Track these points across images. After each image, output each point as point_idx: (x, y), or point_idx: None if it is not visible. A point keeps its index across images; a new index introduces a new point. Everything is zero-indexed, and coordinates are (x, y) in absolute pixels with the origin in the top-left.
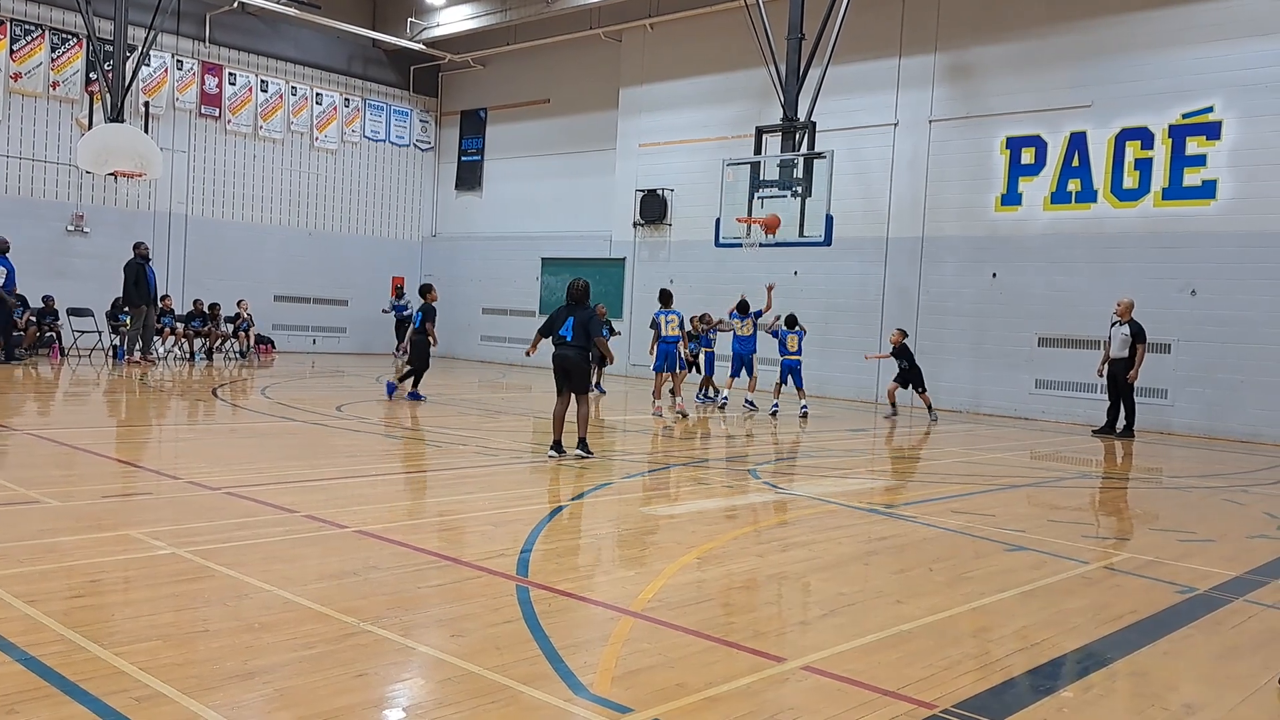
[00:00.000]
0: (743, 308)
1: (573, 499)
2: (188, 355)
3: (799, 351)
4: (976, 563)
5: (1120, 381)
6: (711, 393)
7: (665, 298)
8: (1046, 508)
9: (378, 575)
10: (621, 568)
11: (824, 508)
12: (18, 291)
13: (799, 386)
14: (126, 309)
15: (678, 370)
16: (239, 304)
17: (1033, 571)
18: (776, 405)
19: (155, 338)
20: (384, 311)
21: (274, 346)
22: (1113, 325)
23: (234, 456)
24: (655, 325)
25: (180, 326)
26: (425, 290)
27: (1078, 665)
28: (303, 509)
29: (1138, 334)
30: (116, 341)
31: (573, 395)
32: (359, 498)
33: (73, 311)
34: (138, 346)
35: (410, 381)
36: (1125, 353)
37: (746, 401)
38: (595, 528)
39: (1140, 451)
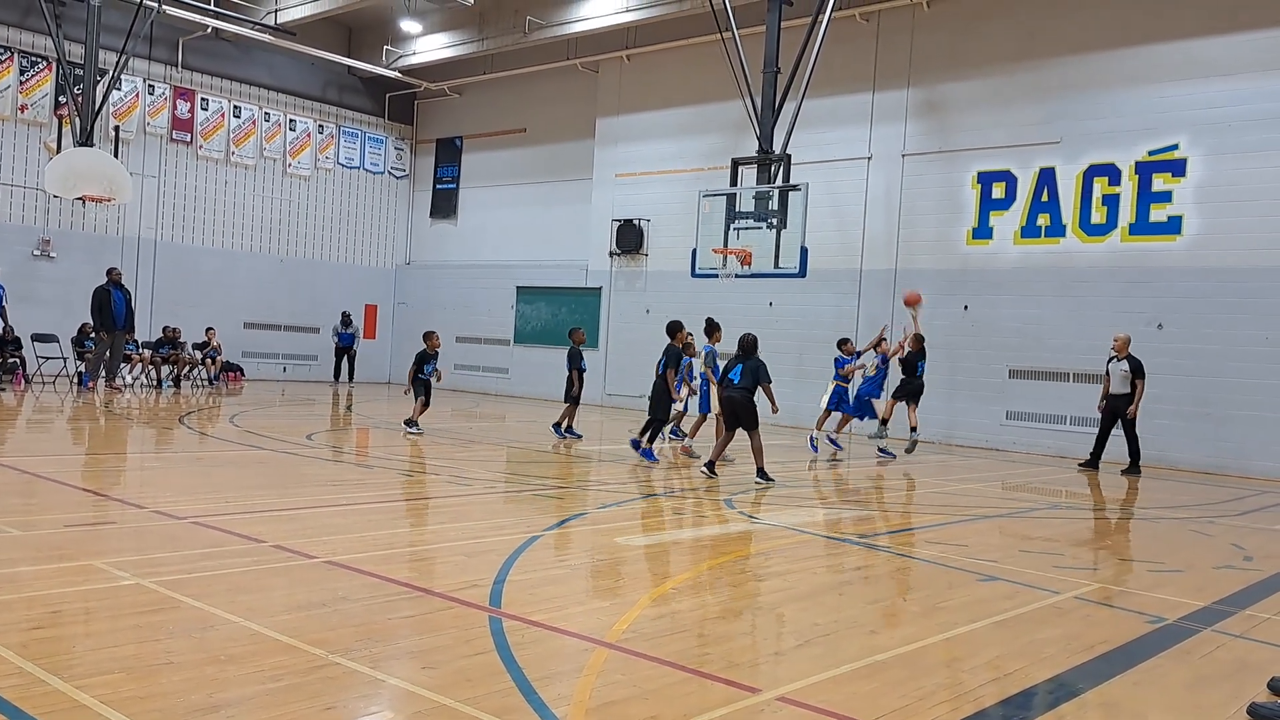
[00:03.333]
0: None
1: (547, 529)
2: (154, 382)
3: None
4: (950, 593)
5: (1123, 417)
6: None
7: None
8: (1018, 538)
9: (347, 606)
10: (596, 598)
11: (799, 538)
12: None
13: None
14: (93, 335)
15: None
16: (207, 332)
17: (1005, 602)
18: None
19: (123, 364)
20: (332, 338)
21: (243, 374)
22: (1110, 361)
23: (201, 485)
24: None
25: (147, 353)
26: (674, 330)
27: (1049, 695)
28: (271, 539)
29: (1137, 369)
30: (82, 368)
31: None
32: (329, 527)
33: (37, 338)
34: (102, 374)
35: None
36: (1126, 388)
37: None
38: (569, 558)
39: (1109, 483)
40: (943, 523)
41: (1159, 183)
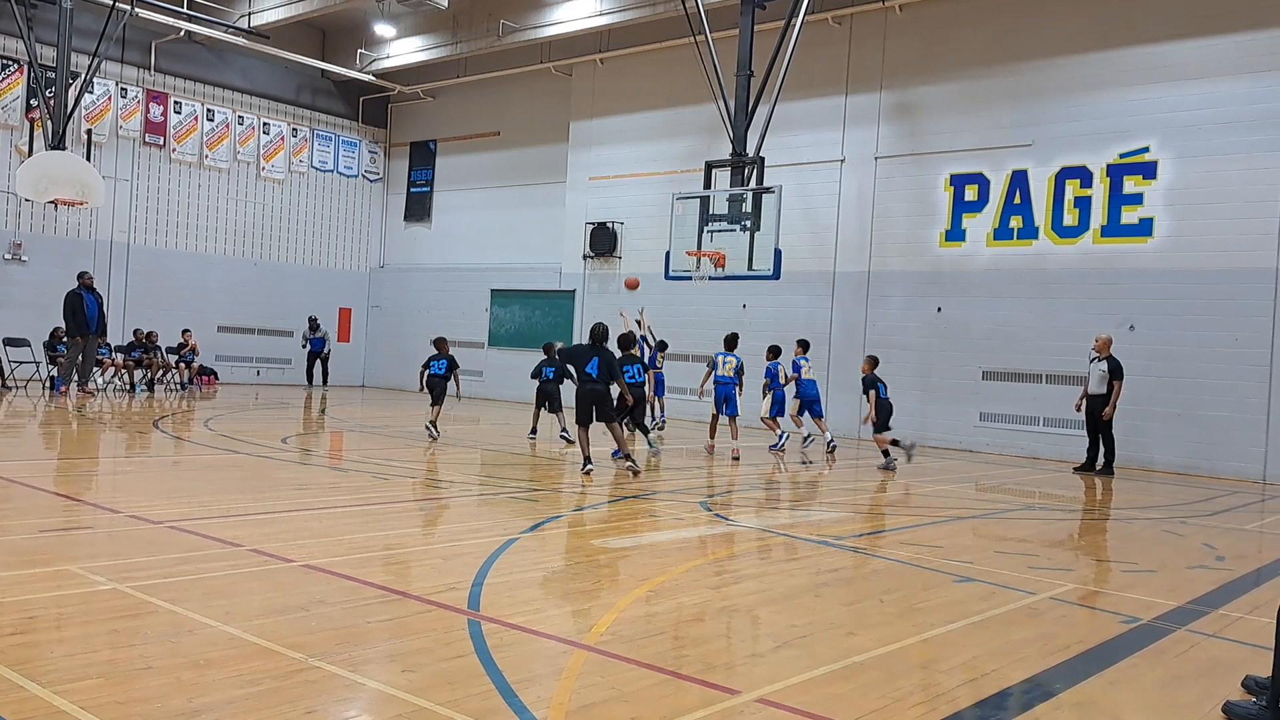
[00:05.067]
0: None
1: (524, 532)
2: (128, 386)
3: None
4: (926, 594)
5: (1098, 418)
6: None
7: (731, 341)
8: (993, 539)
9: (325, 610)
10: (574, 601)
11: (774, 540)
12: None
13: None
14: (65, 339)
15: (730, 414)
16: (184, 334)
17: (981, 603)
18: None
19: (95, 369)
20: (302, 344)
21: (217, 378)
22: (1091, 361)
23: (177, 489)
24: (712, 365)
25: (120, 357)
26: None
27: (1025, 696)
28: (248, 543)
29: (1115, 370)
30: (54, 372)
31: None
32: (306, 531)
33: (9, 341)
34: (74, 377)
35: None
36: (1103, 389)
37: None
38: (547, 560)
39: (1082, 484)
40: (918, 524)
41: (1130, 185)
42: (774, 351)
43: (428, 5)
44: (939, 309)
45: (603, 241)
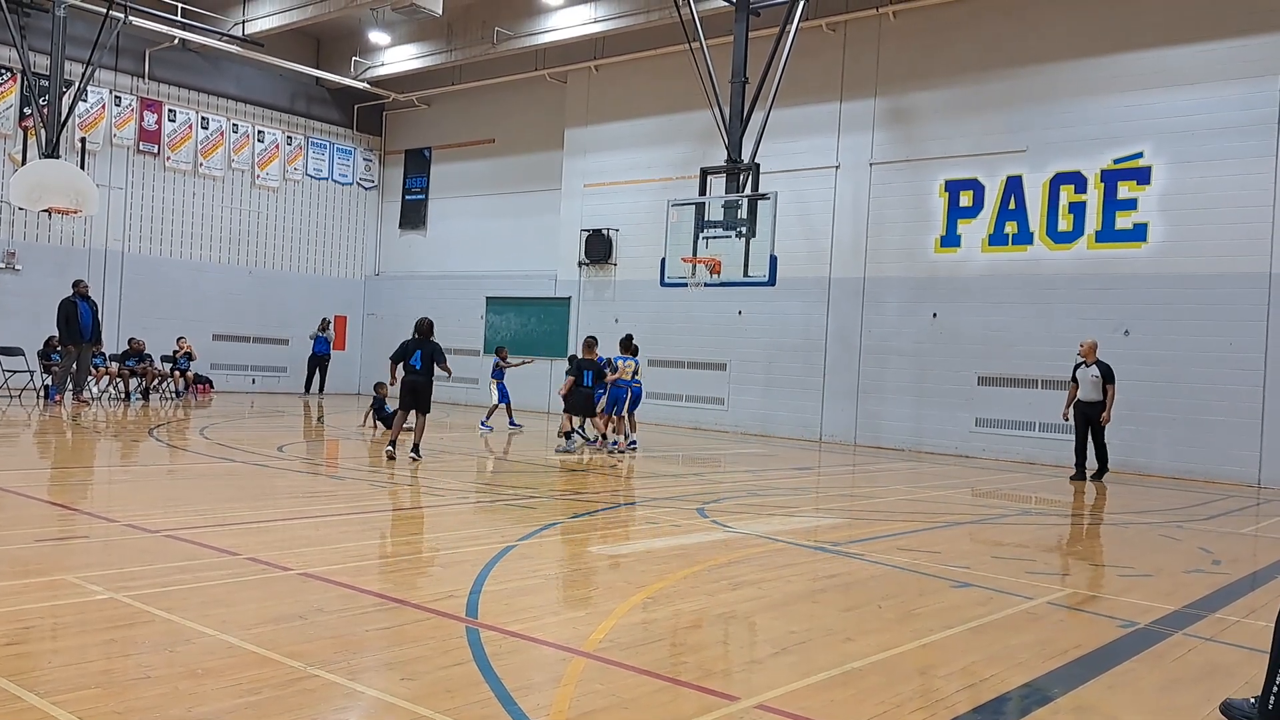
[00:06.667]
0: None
1: (521, 539)
2: (122, 395)
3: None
4: (924, 599)
5: (1094, 424)
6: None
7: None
8: (990, 544)
9: (324, 618)
10: (572, 608)
11: (772, 546)
12: None
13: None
14: (59, 348)
15: (619, 414)
16: (179, 341)
17: (979, 608)
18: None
19: (89, 377)
20: (310, 337)
21: (212, 386)
22: (1078, 367)
23: (173, 498)
24: (613, 368)
25: (114, 366)
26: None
27: (1024, 701)
28: (245, 551)
29: (1107, 375)
30: (49, 381)
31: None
32: (303, 539)
33: (3, 350)
34: (68, 387)
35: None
36: (1097, 394)
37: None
38: (544, 568)
39: (1077, 489)
40: (915, 529)
41: (1124, 190)
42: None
43: (422, 13)
44: (934, 315)
45: (598, 249)
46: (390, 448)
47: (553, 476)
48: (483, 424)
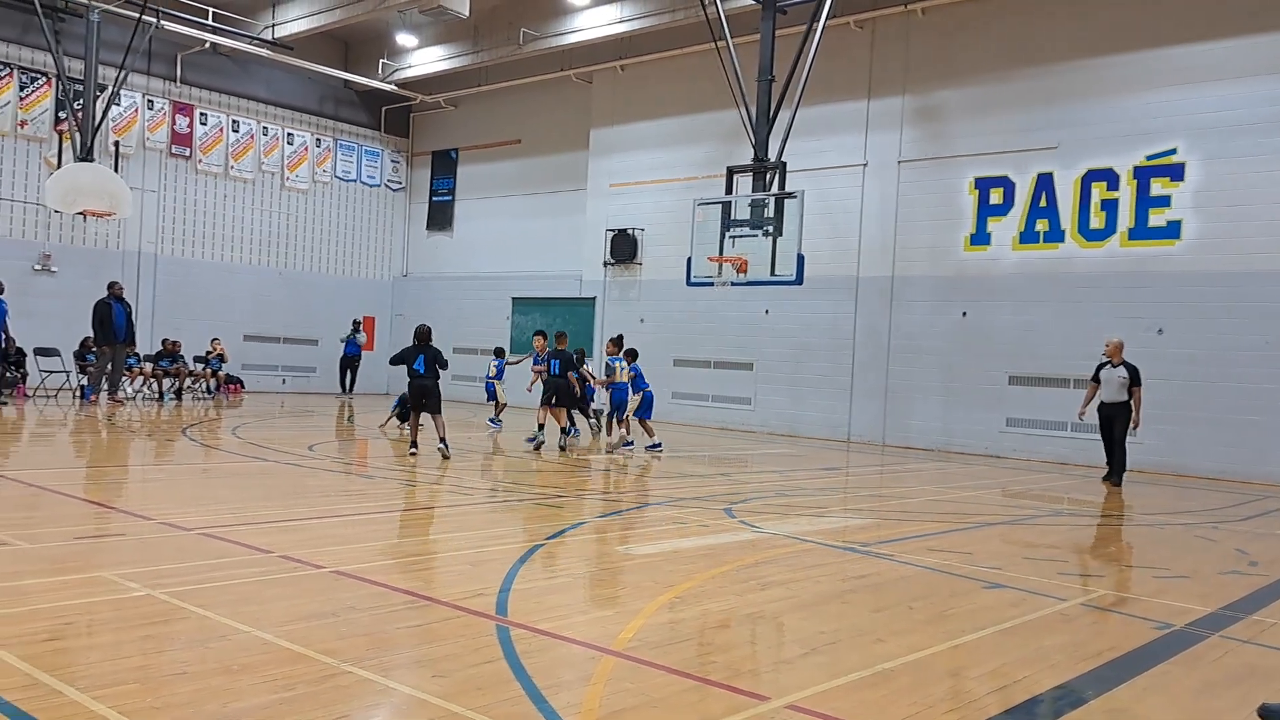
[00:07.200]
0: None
1: (549, 538)
2: (156, 395)
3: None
4: (955, 600)
5: (1118, 428)
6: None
7: (620, 344)
8: (1022, 545)
9: (356, 616)
10: (600, 607)
11: (800, 546)
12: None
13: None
14: (94, 349)
15: (619, 417)
16: (212, 342)
17: (1011, 609)
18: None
19: (124, 378)
20: (341, 340)
21: (243, 386)
22: (1102, 367)
23: (207, 497)
24: (610, 371)
25: (148, 366)
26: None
27: (1056, 703)
28: (278, 549)
29: (1134, 377)
30: (84, 381)
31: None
32: (334, 537)
33: (39, 351)
34: (103, 386)
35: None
36: (1121, 396)
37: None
38: (573, 567)
39: (1111, 489)
40: (945, 530)
41: (1157, 187)
42: (632, 354)
43: (449, 15)
44: (964, 313)
45: (623, 248)
46: (413, 448)
47: (580, 476)
48: (491, 422)
